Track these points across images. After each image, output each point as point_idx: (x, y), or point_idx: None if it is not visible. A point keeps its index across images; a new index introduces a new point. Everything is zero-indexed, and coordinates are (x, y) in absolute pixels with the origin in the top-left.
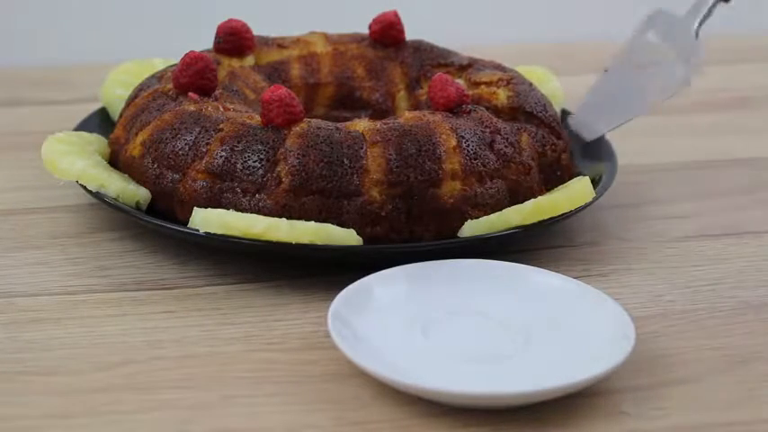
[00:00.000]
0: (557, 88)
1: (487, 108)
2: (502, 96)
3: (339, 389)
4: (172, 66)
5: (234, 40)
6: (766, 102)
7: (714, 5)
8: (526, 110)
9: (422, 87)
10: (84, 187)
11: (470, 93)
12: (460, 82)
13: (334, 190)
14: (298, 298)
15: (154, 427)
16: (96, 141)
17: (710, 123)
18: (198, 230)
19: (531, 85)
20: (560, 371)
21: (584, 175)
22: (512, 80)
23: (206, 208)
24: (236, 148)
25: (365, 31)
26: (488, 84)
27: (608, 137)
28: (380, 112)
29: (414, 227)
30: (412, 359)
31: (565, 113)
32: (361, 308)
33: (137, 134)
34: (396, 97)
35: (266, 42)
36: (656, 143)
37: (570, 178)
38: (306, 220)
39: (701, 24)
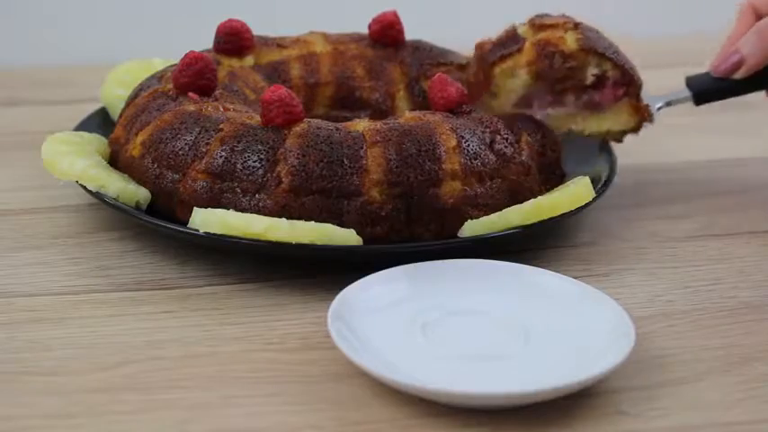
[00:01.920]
0: None
1: (554, 53)
2: (570, 41)
3: (339, 389)
4: (172, 66)
5: (234, 40)
6: (766, 101)
7: (681, 101)
8: (598, 51)
9: (422, 87)
10: (84, 187)
11: (535, 38)
12: (523, 28)
13: (334, 190)
14: (298, 298)
15: (154, 427)
16: (96, 141)
17: (710, 123)
18: (198, 230)
19: (598, 32)
20: (560, 371)
21: (585, 175)
22: (579, 25)
23: (206, 208)
24: (236, 148)
25: (365, 30)
26: (554, 27)
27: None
28: (380, 111)
29: (414, 227)
30: (412, 359)
31: None
32: (361, 308)
33: (137, 134)
34: (395, 97)
35: (266, 42)
36: (656, 143)
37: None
38: (306, 220)
39: (663, 107)
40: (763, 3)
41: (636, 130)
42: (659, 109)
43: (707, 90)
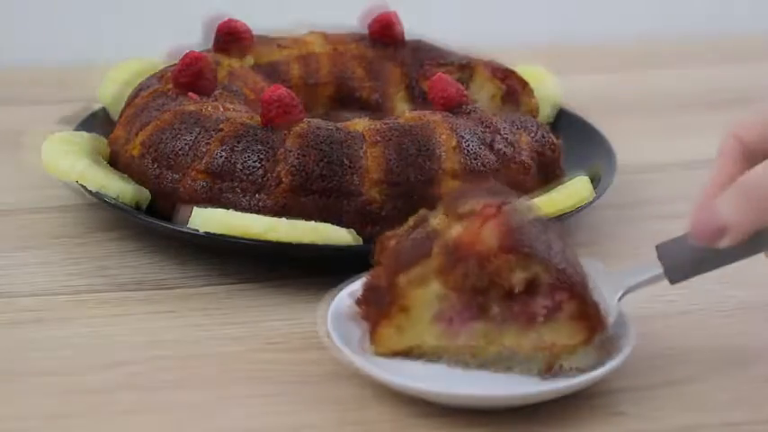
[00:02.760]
0: (554, 88)
1: (468, 258)
2: (488, 237)
3: (339, 389)
4: (172, 66)
5: (233, 39)
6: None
7: (650, 281)
8: (522, 251)
9: (422, 87)
10: (84, 187)
11: (442, 240)
12: (436, 217)
13: (333, 190)
14: (298, 298)
15: (154, 428)
16: (96, 141)
17: (711, 122)
18: (198, 230)
19: (531, 210)
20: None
21: (583, 174)
22: (501, 210)
23: (206, 208)
24: (235, 148)
25: (363, 29)
26: (471, 215)
27: (606, 135)
28: (380, 111)
29: None
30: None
31: (563, 113)
32: None
33: (136, 134)
34: (395, 97)
35: (266, 42)
36: (655, 142)
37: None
38: (306, 220)
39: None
40: (755, 135)
41: (587, 342)
42: (619, 299)
43: (684, 262)
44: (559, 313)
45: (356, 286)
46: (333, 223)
